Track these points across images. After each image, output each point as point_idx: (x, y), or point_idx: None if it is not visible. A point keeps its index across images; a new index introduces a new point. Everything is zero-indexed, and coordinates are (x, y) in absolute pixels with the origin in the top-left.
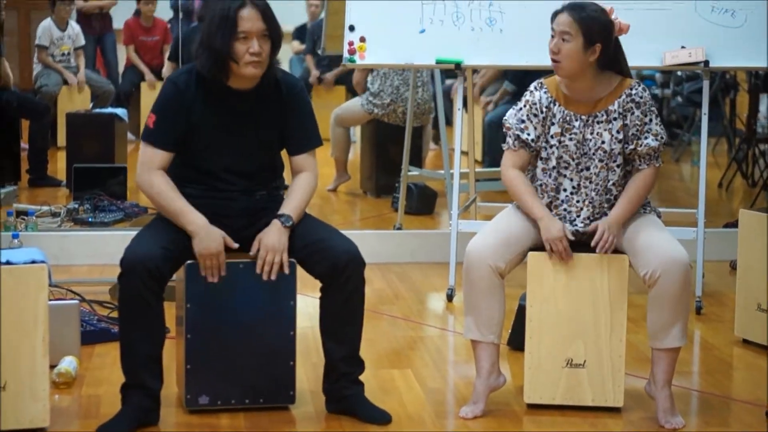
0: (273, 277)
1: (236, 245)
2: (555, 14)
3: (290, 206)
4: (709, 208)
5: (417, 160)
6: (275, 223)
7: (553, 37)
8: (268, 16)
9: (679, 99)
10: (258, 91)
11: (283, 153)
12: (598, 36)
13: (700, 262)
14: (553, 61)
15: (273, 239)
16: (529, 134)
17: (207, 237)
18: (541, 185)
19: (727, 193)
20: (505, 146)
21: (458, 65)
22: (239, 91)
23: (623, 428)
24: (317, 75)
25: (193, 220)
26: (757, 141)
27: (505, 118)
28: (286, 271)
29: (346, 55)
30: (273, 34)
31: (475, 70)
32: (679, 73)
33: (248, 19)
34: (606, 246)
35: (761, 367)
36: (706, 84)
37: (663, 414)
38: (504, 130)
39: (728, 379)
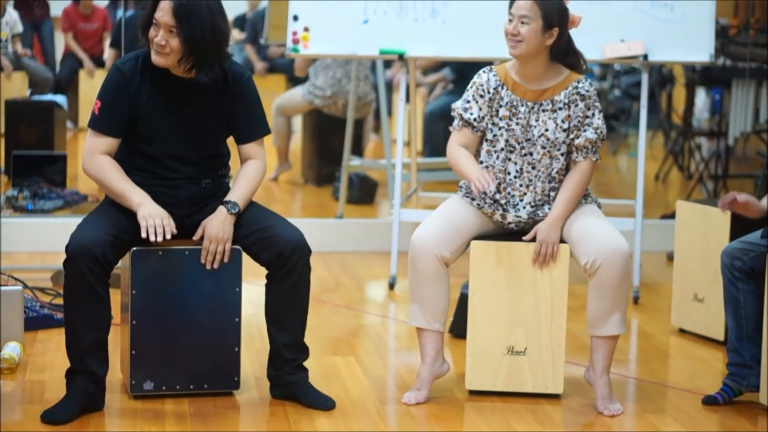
0: (216, 266)
1: (175, 231)
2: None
3: (237, 193)
4: (645, 200)
5: (358, 150)
6: (221, 211)
7: (510, 20)
8: (180, 15)
9: (617, 92)
10: (203, 80)
11: (231, 141)
12: (556, 20)
13: (638, 252)
14: (512, 42)
15: (217, 228)
16: (472, 113)
17: (151, 205)
18: (486, 167)
19: (663, 186)
20: (451, 128)
21: (401, 56)
22: (183, 79)
23: (563, 414)
24: (263, 67)
25: (138, 195)
26: (693, 134)
27: (453, 103)
28: (226, 260)
29: (289, 44)
30: (185, 34)
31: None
32: (616, 66)
33: (161, 9)
34: (543, 260)
35: (697, 356)
36: (645, 77)
37: (602, 400)
38: (452, 113)
39: (665, 367)
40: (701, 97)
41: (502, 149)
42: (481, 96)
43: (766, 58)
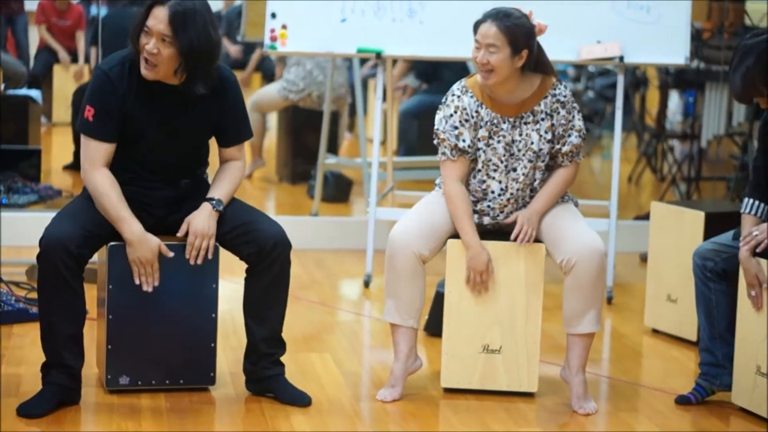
0: (200, 262)
1: (171, 254)
2: (477, 24)
3: (220, 191)
4: (619, 202)
5: (333, 148)
6: (206, 207)
7: (478, 48)
8: (176, 23)
9: (591, 94)
10: (190, 87)
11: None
12: (524, 43)
13: (612, 253)
14: (483, 71)
15: (203, 224)
16: (464, 140)
17: (141, 247)
18: (467, 186)
19: (636, 187)
20: (440, 158)
21: (379, 55)
22: (170, 85)
23: (537, 413)
24: (238, 49)
25: (131, 228)
26: (666, 136)
27: (436, 127)
28: (210, 256)
29: (267, 42)
30: (180, 45)
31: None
32: (591, 68)
33: (155, 16)
34: (525, 238)
35: (670, 355)
36: (620, 79)
37: (576, 399)
38: (436, 141)
39: (638, 366)
40: (674, 100)
41: (479, 170)
42: (467, 120)
43: None
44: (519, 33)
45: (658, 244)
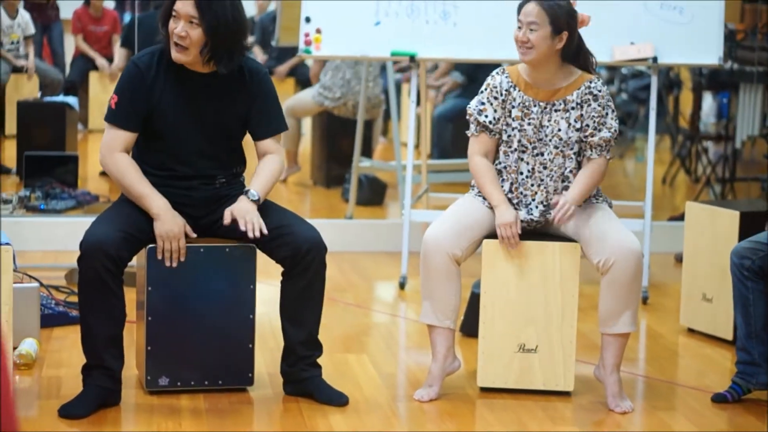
0: (257, 234)
1: (194, 235)
2: (521, 5)
3: (256, 184)
4: (653, 203)
5: (367, 152)
6: (242, 198)
7: (519, 28)
8: (201, 5)
9: (624, 96)
10: (219, 75)
11: (249, 149)
12: (565, 24)
13: (647, 253)
14: (523, 48)
15: (245, 205)
16: (486, 116)
17: (168, 220)
18: (505, 167)
19: (670, 189)
20: (468, 133)
21: (413, 58)
22: (200, 74)
23: (574, 412)
24: (264, 60)
25: (157, 203)
26: (700, 138)
27: (468, 105)
28: (257, 234)
29: (302, 46)
30: (206, 25)
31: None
32: (623, 70)
33: (181, 0)
34: (564, 216)
35: (705, 354)
36: (654, 80)
37: (612, 398)
38: (467, 116)
39: (674, 365)
40: (708, 102)
41: (515, 150)
42: (495, 98)
43: None
44: (560, 13)
45: (693, 244)
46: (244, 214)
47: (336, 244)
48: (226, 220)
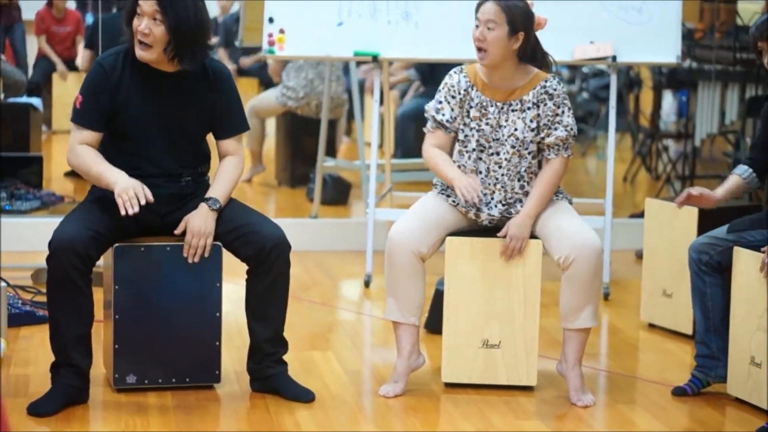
0: (197, 260)
1: (152, 199)
2: (480, 4)
3: (217, 190)
4: (614, 201)
5: (331, 152)
6: (202, 207)
7: (477, 26)
8: (164, 2)
9: (585, 95)
10: (183, 75)
11: (212, 143)
12: (522, 25)
13: (608, 250)
14: (479, 49)
15: (199, 223)
16: (444, 114)
17: (126, 181)
18: (459, 167)
19: (631, 186)
20: (425, 129)
21: (375, 58)
22: (164, 73)
23: (537, 406)
24: (235, 68)
25: (114, 174)
26: (660, 136)
27: (427, 105)
28: (207, 255)
29: (265, 46)
30: (170, 21)
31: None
32: (584, 69)
33: None
34: (511, 253)
35: (666, 349)
36: (613, 78)
37: (574, 392)
38: (425, 114)
39: (635, 360)
40: (668, 100)
41: (474, 149)
42: (453, 97)
43: (731, 61)
44: (518, 13)
45: (653, 240)
46: (195, 232)
47: (301, 244)
48: (179, 230)
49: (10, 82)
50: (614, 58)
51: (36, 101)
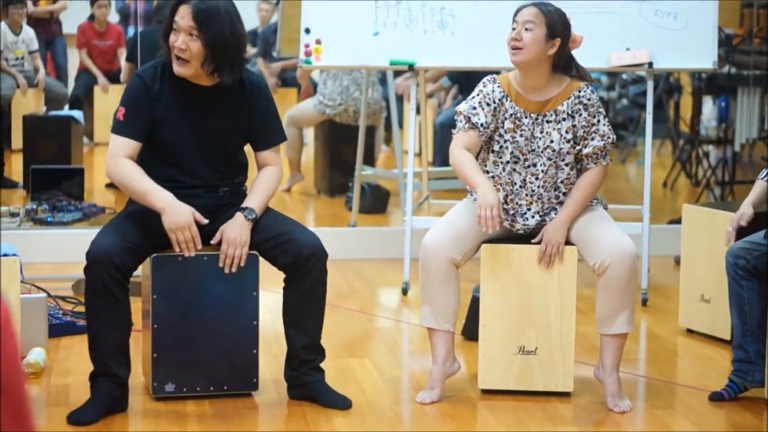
0: (234, 270)
1: (206, 221)
2: (519, 9)
3: (254, 200)
4: (654, 207)
5: (370, 160)
6: (238, 216)
7: (514, 29)
8: (200, 18)
9: (625, 101)
10: (221, 88)
11: (249, 151)
12: (559, 31)
13: (646, 255)
14: (514, 48)
15: (235, 233)
16: (479, 118)
17: (175, 212)
18: (493, 177)
19: (671, 193)
20: (454, 131)
21: (411, 66)
22: (202, 87)
23: (573, 412)
24: (274, 82)
25: (161, 197)
26: (700, 142)
27: (457, 107)
28: (243, 264)
29: (302, 57)
30: (205, 37)
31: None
32: (624, 75)
33: (181, 13)
34: (548, 260)
35: (704, 354)
36: (650, 84)
37: (611, 398)
38: (455, 116)
39: (673, 366)
40: (709, 106)
41: (507, 162)
42: (488, 104)
43: None
44: (557, 19)
45: (691, 246)
46: (230, 241)
47: (339, 252)
48: (215, 240)
49: (52, 96)
50: (651, 64)
51: (77, 114)
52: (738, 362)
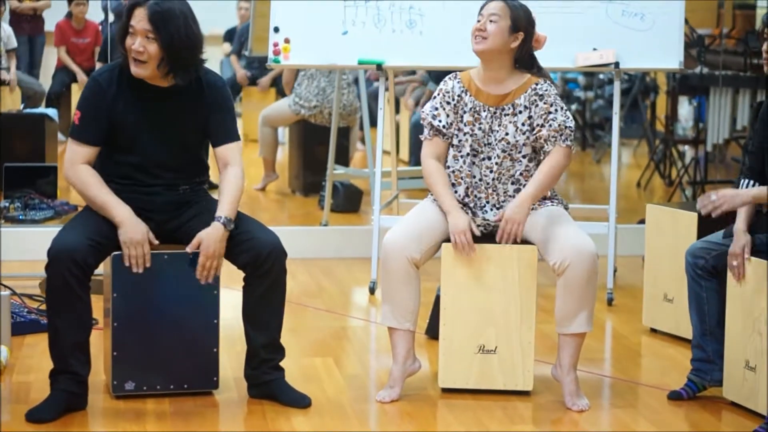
0: (210, 281)
1: (157, 242)
2: (485, 3)
3: (226, 207)
4: (627, 207)
5: (343, 160)
6: (217, 228)
7: (479, 21)
8: (155, 20)
9: (601, 101)
10: (178, 89)
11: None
12: (523, 25)
13: (612, 255)
14: (477, 37)
15: (214, 246)
16: (440, 121)
17: (131, 227)
18: (453, 172)
19: (645, 192)
20: (422, 137)
21: (379, 66)
22: (159, 87)
23: (533, 411)
24: (244, 74)
25: (120, 211)
26: (674, 142)
27: (422, 111)
28: (218, 273)
29: (270, 55)
30: (162, 39)
31: (400, 73)
32: (601, 76)
33: (137, 16)
34: (507, 237)
35: (667, 354)
36: (616, 84)
37: (569, 396)
38: (421, 121)
39: (636, 365)
40: (686, 106)
41: (468, 154)
42: (447, 103)
43: (742, 67)
44: (521, 14)
45: (654, 246)
46: (209, 255)
47: (309, 251)
48: (192, 248)
49: (29, 93)
50: (617, 64)
51: (52, 112)
52: (697, 361)
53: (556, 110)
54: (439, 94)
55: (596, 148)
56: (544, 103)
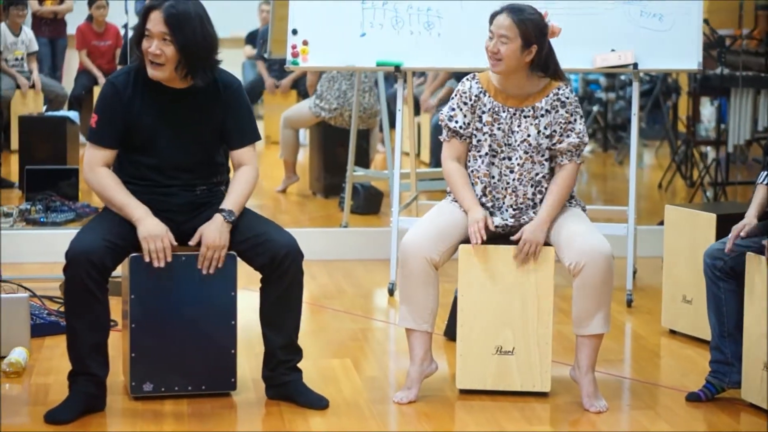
0: (212, 272)
1: (175, 243)
2: (494, 15)
3: (231, 201)
4: (648, 208)
5: (364, 162)
6: (217, 218)
7: (491, 38)
8: (172, 22)
9: (622, 102)
10: (194, 90)
11: None
12: (535, 38)
13: (631, 256)
14: (492, 60)
15: (214, 235)
16: (457, 122)
17: (151, 223)
18: (472, 171)
19: (666, 194)
20: (441, 138)
21: (398, 68)
22: (175, 89)
23: (550, 412)
24: (272, 83)
25: (137, 209)
26: (696, 143)
27: (441, 111)
28: (220, 266)
29: (289, 58)
30: (179, 41)
31: (423, 73)
32: (622, 77)
33: (153, 19)
34: (525, 257)
35: (685, 355)
36: (635, 85)
37: (587, 398)
38: (440, 122)
39: (654, 366)
40: (709, 107)
41: (486, 154)
42: (465, 103)
43: (763, 67)
44: (531, 28)
45: (673, 247)
46: (209, 244)
47: (329, 253)
48: (193, 242)
49: (51, 96)
50: (636, 65)
51: (73, 114)
52: (715, 363)
53: (575, 120)
54: (456, 95)
55: (618, 149)
56: (566, 111)
